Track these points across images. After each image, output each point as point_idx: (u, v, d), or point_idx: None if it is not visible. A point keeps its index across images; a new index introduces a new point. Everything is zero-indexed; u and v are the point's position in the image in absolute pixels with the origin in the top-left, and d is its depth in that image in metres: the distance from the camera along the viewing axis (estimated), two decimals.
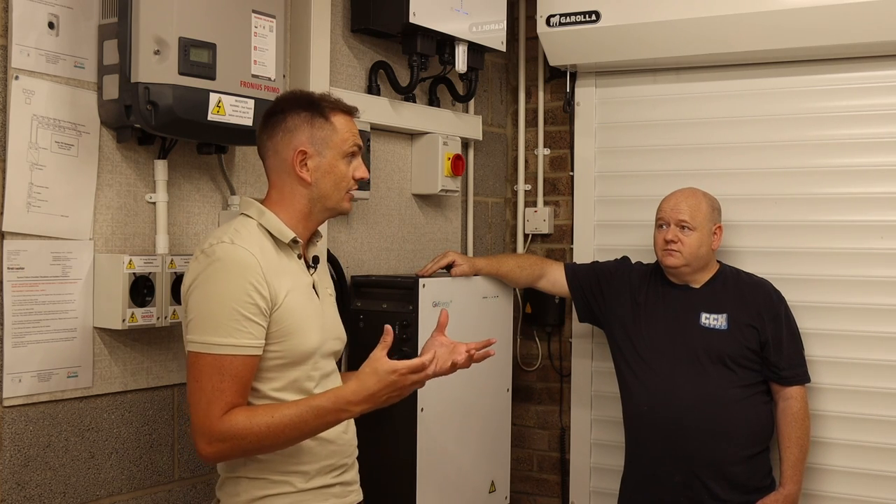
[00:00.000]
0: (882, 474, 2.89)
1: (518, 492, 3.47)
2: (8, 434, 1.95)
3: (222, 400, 1.75)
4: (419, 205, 3.11)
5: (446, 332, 2.19)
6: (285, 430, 1.76)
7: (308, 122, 1.90)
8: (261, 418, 1.75)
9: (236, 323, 1.75)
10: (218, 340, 1.75)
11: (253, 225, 1.88)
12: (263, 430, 1.75)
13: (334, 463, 1.95)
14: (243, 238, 1.82)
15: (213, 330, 1.75)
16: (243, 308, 1.76)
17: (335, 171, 1.92)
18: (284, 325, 1.83)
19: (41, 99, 1.98)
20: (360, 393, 1.79)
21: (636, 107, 3.28)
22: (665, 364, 2.75)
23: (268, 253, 1.84)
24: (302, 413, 1.77)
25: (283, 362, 1.85)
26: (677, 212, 2.74)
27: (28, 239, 1.97)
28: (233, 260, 1.77)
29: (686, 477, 2.68)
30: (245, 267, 1.77)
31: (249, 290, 1.77)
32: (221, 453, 1.77)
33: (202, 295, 1.77)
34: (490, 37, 3.00)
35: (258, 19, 2.17)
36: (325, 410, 1.78)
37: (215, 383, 1.75)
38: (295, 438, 1.81)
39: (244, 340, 1.76)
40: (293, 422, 1.77)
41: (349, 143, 1.93)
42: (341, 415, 1.81)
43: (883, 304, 2.89)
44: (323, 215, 1.96)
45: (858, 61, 2.93)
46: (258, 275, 1.78)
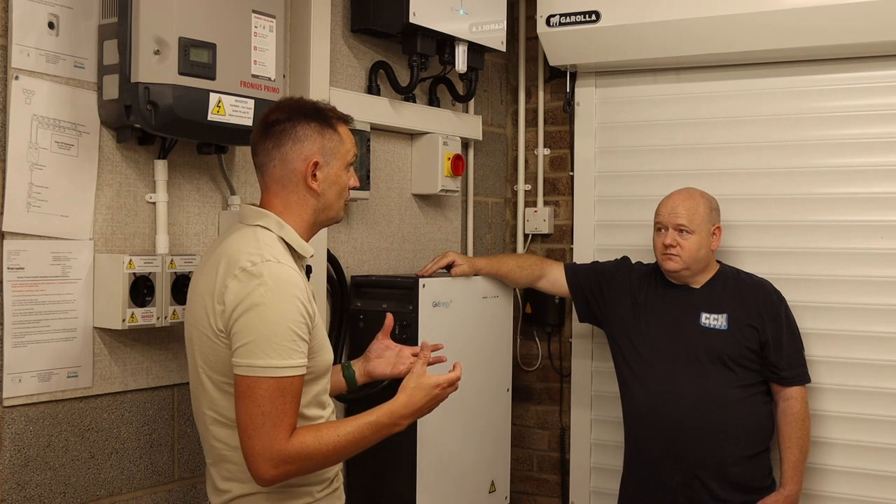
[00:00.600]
0: (882, 474, 2.89)
1: (518, 492, 3.47)
2: (8, 434, 1.95)
3: (287, 422, 1.75)
4: (419, 205, 3.11)
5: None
6: (348, 447, 1.83)
7: (319, 132, 1.90)
8: (328, 437, 1.80)
9: (293, 344, 1.76)
10: (280, 363, 1.74)
11: (275, 239, 1.86)
12: (331, 448, 1.80)
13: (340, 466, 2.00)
14: (280, 254, 1.81)
15: (273, 353, 1.73)
16: (297, 328, 1.77)
17: (339, 180, 1.94)
18: (317, 342, 1.87)
19: (41, 99, 1.98)
20: (410, 407, 1.92)
21: (636, 107, 3.28)
22: (665, 364, 2.75)
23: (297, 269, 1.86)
24: (362, 429, 1.84)
25: (311, 377, 1.86)
26: (675, 216, 2.74)
27: (28, 239, 1.97)
28: (283, 280, 1.77)
29: (686, 477, 2.68)
30: (295, 286, 1.78)
31: (301, 309, 1.78)
32: (287, 474, 1.77)
33: (257, 317, 1.74)
34: (490, 37, 3.00)
35: (258, 19, 2.17)
36: (381, 426, 1.87)
37: (279, 406, 1.73)
38: (352, 454, 1.88)
39: (300, 360, 1.77)
40: (355, 438, 1.83)
41: (352, 153, 1.97)
42: (394, 428, 1.91)
43: (883, 304, 2.89)
44: (323, 225, 1.99)
45: (858, 61, 2.93)
46: (305, 292, 1.81)
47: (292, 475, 1.79)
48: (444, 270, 2.85)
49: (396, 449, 2.66)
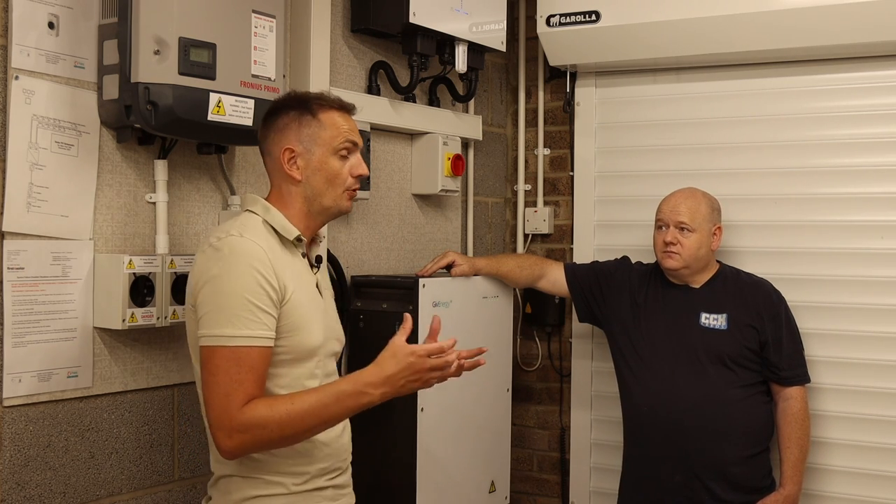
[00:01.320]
0: (882, 474, 2.89)
1: (518, 492, 3.47)
2: (8, 434, 1.95)
3: (241, 391, 1.73)
4: (419, 205, 3.11)
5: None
6: (305, 417, 1.74)
7: (296, 120, 1.90)
8: (281, 406, 1.73)
9: (251, 314, 1.75)
10: (234, 332, 1.74)
11: (258, 221, 1.88)
12: (284, 417, 1.72)
13: (329, 466, 1.94)
14: (250, 231, 1.82)
15: (227, 322, 1.74)
16: (256, 299, 1.75)
17: (326, 168, 1.91)
18: (291, 320, 1.82)
19: (41, 99, 1.98)
20: (379, 375, 1.76)
21: (636, 107, 3.28)
22: (665, 364, 2.74)
23: (274, 248, 1.84)
24: (322, 398, 1.75)
25: (289, 358, 1.84)
26: (676, 213, 2.74)
27: (28, 239, 1.97)
28: (243, 252, 1.77)
29: (686, 477, 2.68)
30: (255, 258, 1.77)
31: (261, 280, 1.76)
32: (243, 446, 1.74)
33: (214, 288, 1.76)
34: (490, 37, 3.00)
35: (258, 19, 2.17)
36: (345, 394, 1.76)
37: (233, 375, 1.73)
38: (315, 426, 1.78)
39: (259, 331, 1.75)
40: (313, 408, 1.74)
41: (339, 139, 1.91)
42: (361, 398, 1.77)
43: (883, 304, 2.89)
44: (323, 215, 1.96)
45: (858, 61, 2.93)
46: (268, 266, 1.78)
47: (251, 446, 1.75)
48: (444, 270, 2.85)
49: (396, 449, 2.66)
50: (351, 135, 1.94)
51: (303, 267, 1.93)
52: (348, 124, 1.94)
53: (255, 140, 2.23)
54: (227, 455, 1.77)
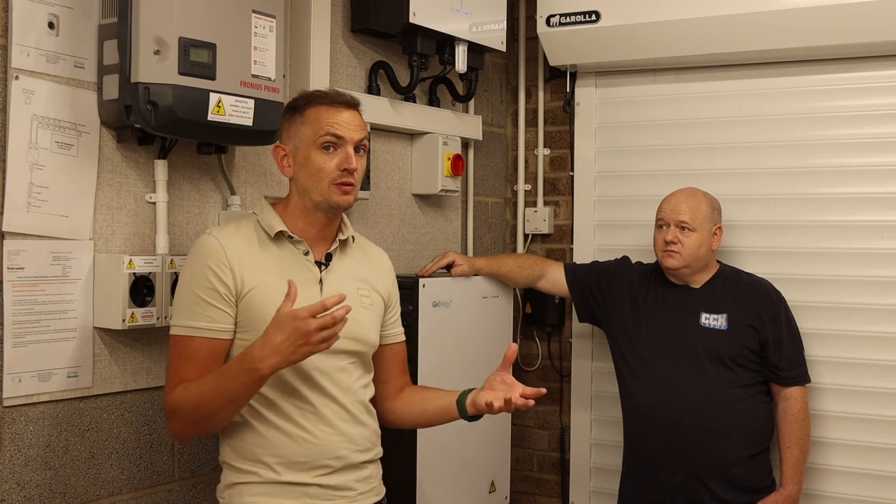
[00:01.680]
0: (882, 474, 2.89)
1: (518, 492, 3.47)
2: (8, 434, 1.95)
3: (177, 377, 1.85)
4: (419, 205, 3.11)
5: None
6: (211, 397, 1.79)
7: (288, 119, 1.98)
8: (192, 388, 1.82)
9: (196, 306, 1.86)
10: (179, 322, 1.88)
11: (252, 221, 1.97)
12: (194, 398, 1.81)
13: (311, 461, 1.90)
14: (223, 230, 1.93)
15: (178, 312, 1.89)
16: (202, 292, 1.86)
17: (309, 162, 1.93)
18: (250, 315, 1.87)
19: (41, 99, 1.98)
20: (265, 347, 1.73)
21: (636, 107, 3.28)
22: (665, 364, 2.74)
23: (246, 245, 1.91)
24: (219, 377, 1.80)
25: None
26: (677, 213, 2.74)
27: (28, 239, 1.97)
28: (200, 248, 1.90)
29: (686, 477, 2.68)
30: (207, 254, 1.88)
31: (209, 274, 1.86)
32: (176, 427, 1.89)
33: (179, 282, 1.93)
34: (490, 37, 3.00)
35: (258, 19, 2.17)
36: (236, 371, 1.76)
37: (175, 361, 1.87)
38: (225, 404, 1.80)
39: (201, 323, 1.85)
40: (215, 388, 1.79)
41: (320, 132, 1.91)
42: (253, 373, 1.74)
43: (883, 304, 2.89)
44: (319, 209, 1.96)
45: (858, 61, 2.93)
46: (220, 261, 1.86)
47: (181, 427, 1.88)
48: (444, 270, 2.85)
49: (396, 449, 2.66)
50: (334, 128, 1.91)
51: (295, 263, 1.94)
52: (340, 117, 1.93)
53: (254, 140, 2.24)
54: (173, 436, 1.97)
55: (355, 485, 1.97)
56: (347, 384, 1.97)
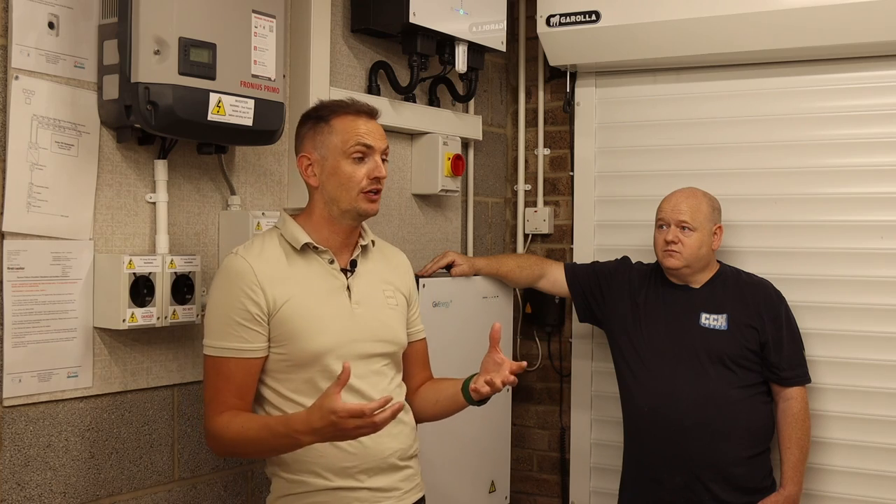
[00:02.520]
0: (882, 474, 2.89)
1: (518, 492, 3.47)
2: (8, 434, 1.95)
3: (218, 399, 1.89)
4: (419, 205, 3.11)
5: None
6: (250, 443, 1.86)
7: (312, 128, 2.00)
8: (234, 425, 1.86)
9: (229, 328, 1.89)
10: (214, 343, 1.91)
11: (275, 235, 2.00)
12: (234, 437, 1.86)
13: (356, 466, 1.94)
14: (250, 248, 1.96)
15: (210, 334, 1.92)
16: (235, 314, 1.90)
17: (339, 172, 1.96)
18: (286, 329, 1.91)
19: (41, 99, 1.98)
20: (307, 425, 1.74)
21: (636, 107, 3.28)
22: (665, 364, 2.75)
23: (274, 262, 1.94)
24: (261, 432, 1.83)
25: (291, 363, 1.93)
26: (677, 212, 2.74)
27: (28, 239, 1.97)
28: (230, 269, 1.93)
29: (686, 478, 2.68)
30: (237, 276, 1.91)
31: (240, 296, 1.89)
32: (216, 449, 1.94)
33: (209, 302, 1.96)
34: (490, 37, 3.00)
35: (258, 19, 2.17)
36: (279, 434, 1.81)
37: (212, 382, 1.91)
38: (263, 452, 1.93)
39: (235, 344, 1.89)
40: (255, 436, 1.84)
41: (350, 143, 1.96)
42: (292, 440, 1.78)
43: (883, 304, 2.89)
44: (345, 218, 2.00)
45: (858, 61, 2.93)
46: (250, 282, 1.90)
47: (220, 451, 1.96)
48: (444, 270, 2.85)
49: None
50: (364, 138, 1.97)
51: (323, 272, 1.98)
52: (366, 127, 1.98)
53: (254, 140, 2.24)
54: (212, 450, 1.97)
55: (400, 484, 2.02)
56: (384, 386, 2.01)
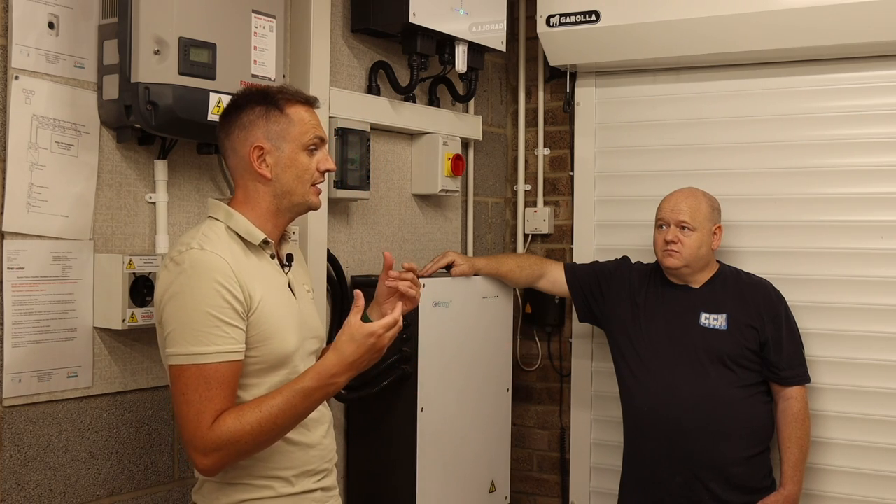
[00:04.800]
0: (882, 474, 2.89)
1: (518, 492, 3.47)
2: (8, 434, 1.95)
3: (211, 409, 1.71)
4: (419, 205, 3.11)
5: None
6: (277, 420, 1.72)
7: (263, 116, 1.85)
8: (250, 415, 1.71)
9: (216, 329, 1.72)
10: (200, 350, 1.71)
11: (221, 228, 1.84)
12: (255, 426, 1.71)
13: (315, 468, 1.91)
14: (212, 242, 1.78)
15: (193, 339, 1.71)
16: (220, 312, 1.72)
17: (296, 164, 1.86)
18: (261, 330, 1.79)
19: (41, 99, 1.98)
20: (342, 363, 1.75)
21: (636, 107, 3.28)
22: (665, 364, 2.74)
23: (238, 256, 1.80)
24: (289, 398, 1.73)
25: (263, 367, 1.81)
26: (677, 212, 2.74)
27: (28, 239, 1.97)
28: (203, 265, 1.74)
29: (686, 477, 2.68)
30: (216, 270, 1.73)
31: (224, 293, 1.73)
32: (220, 462, 1.73)
33: (177, 305, 1.73)
34: (490, 37, 3.00)
35: (258, 19, 2.17)
36: (311, 390, 1.74)
37: (202, 393, 1.71)
38: (287, 426, 1.76)
39: (227, 346, 1.73)
40: (282, 409, 1.72)
41: (308, 134, 1.87)
42: (329, 389, 1.76)
43: (883, 304, 2.89)
44: (291, 212, 1.91)
45: (858, 61, 2.93)
46: (230, 278, 1.74)
47: (227, 461, 1.73)
48: (444, 270, 2.85)
49: (397, 449, 2.66)
50: (318, 130, 1.90)
51: (272, 269, 1.89)
52: (314, 119, 1.91)
53: None
54: (206, 473, 1.76)
55: (335, 483, 2.02)
56: None
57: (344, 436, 2.79)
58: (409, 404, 2.62)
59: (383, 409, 2.68)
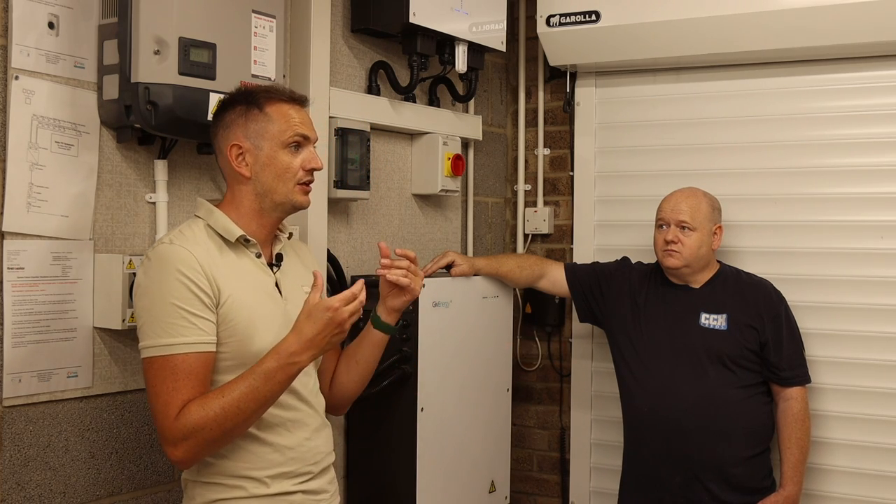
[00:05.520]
0: (882, 474, 2.89)
1: (518, 492, 3.47)
2: (8, 434, 1.95)
3: (178, 399, 1.71)
4: (419, 205, 3.11)
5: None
6: (240, 405, 1.71)
7: (243, 115, 1.86)
8: (213, 402, 1.71)
9: (182, 320, 1.72)
10: (166, 341, 1.72)
11: (201, 225, 1.85)
12: (219, 412, 1.70)
13: (294, 470, 1.88)
14: (184, 237, 1.80)
15: (161, 331, 1.72)
16: (185, 304, 1.73)
17: (275, 162, 1.86)
18: (230, 326, 1.79)
19: (41, 99, 1.98)
20: (300, 340, 1.74)
21: (636, 107, 3.28)
22: (665, 365, 2.74)
23: (211, 252, 1.81)
24: (251, 382, 1.72)
25: (233, 363, 1.80)
26: (677, 212, 2.74)
27: (28, 239, 1.97)
28: (169, 258, 1.75)
29: (686, 478, 2.68)
30: (179, 262, 1.74)
31: (189, 285, 1.73)
32: (190, 452, 1.72)
33: (145, 299, 1.75)
34: (490, 37, 3.00)
35: (258, 19, 2.17)
36: (272, 371, 1.73)
37: (169, 384, 1.71)
38: (255, 410, 1.74)
39: (193, 337, 1.73)
40: (245, 394, 1.71)
41: (288, 132, 1.86)
42: (290, 369, 1.75)
43: (883, 304, 2.89)
44: (276, 211, 1.90)
45: (858, 61, 2.93)
46: (194, 269, 1.75)
47: (198, 451, 1.73)
48: (444, 270, 2.85)
49: (397, 449, 2.66)
50: (301, 128, 1.88)
51: (254, 268, 1.88)
52: (299, 116, 1.89)
53: None
54: (179, 465, 1.77)
55: (327, 486, 1.99)
56: (311, 386, 1.96)
57: (344, 436, 2.79)
58: (409, 404, 2.62)
59: (383, 409, 2.68)
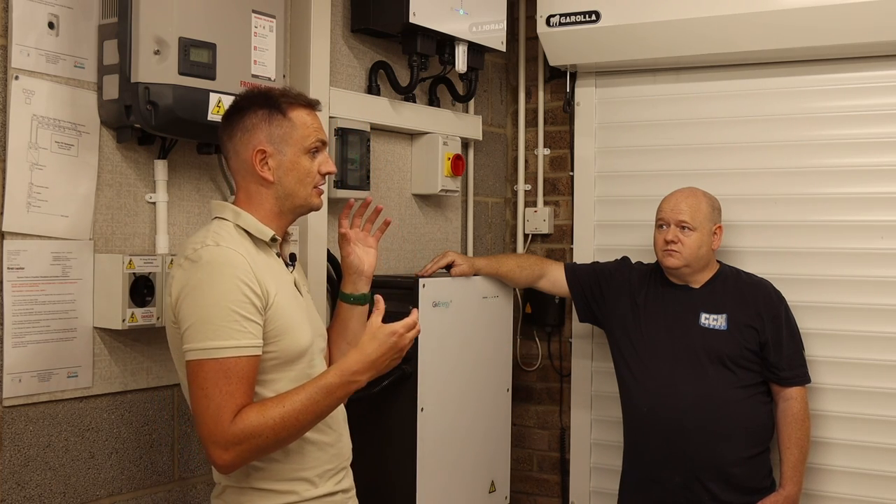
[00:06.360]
0: (882, 474, 2.89)
1: (518, 492, 3.47)
2: (8, 434, 1.95)
3: (232, 403, 1.70)
4: (419, 205, 3.11)
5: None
6: (299, 416, 1.74)
7: (266, 119, 1.86)
8: (273, 410, 1.72)
9: (236, 324, 1.72)
10: (220, 344, 1.71)
11: (231, 227, 1.85)
12: (278, 421, 1.71)
13: (335, 467, 1.93)
14: (226, 239, 1.80)
15: (213, 334, 1.71)
16: (240, 307, 1.73)
17: (298, 167, 1.88)
18: (278, 325, 1.81)
19: (41, 99, 1.98)
20: (363, 361, 1.79)
21: (636, 107, 3.28)
22: (665, 365, 2.74)
23: (252, 253, 1.82)
24: (312, 395, 1.75)
25: (279, 362, 1.83)
26: (677, 212, 2.74)
27: (28, 239, 1.97)
28: (222, 261, 1.75)
29: (686, 478, 2.68)
30: (235, 266, 1.75)
31: (243, 288, 1.74)
32: (241, 457, 1.72)
33: (196, 300, 1.73)
34: (490, 37, 3.00)
35: (258, 19, 2.17)
36: (334, 386, 1.77)
37: (223, 388, 1.70)
38: (309, 423, 1.78)
39: (246, 340, 1.73)
40: (305, 405, 1.74)
41: (311, 138, 1.89)
42: (350, 387, 1.79)
43: (883, 304, 2.89)
44: (293, 213, 1.93)
45: (858, 61, 2.93)
46: (249, 273, 1.76)
47: (248, 457, 1.73)
48: (444, 270, 2.85)
49: (397, 449, 2.66)
50: (321, 133, 1.92)
51: (279, 267, 1.91)
52: (316, 122, 1.92)
53: None
54: (224, 469, 1.76)
55: (353, 484, 2.03)
56: None
57: None
58: (409, 404, 2.62)
59: (383, 409, 2.68)
